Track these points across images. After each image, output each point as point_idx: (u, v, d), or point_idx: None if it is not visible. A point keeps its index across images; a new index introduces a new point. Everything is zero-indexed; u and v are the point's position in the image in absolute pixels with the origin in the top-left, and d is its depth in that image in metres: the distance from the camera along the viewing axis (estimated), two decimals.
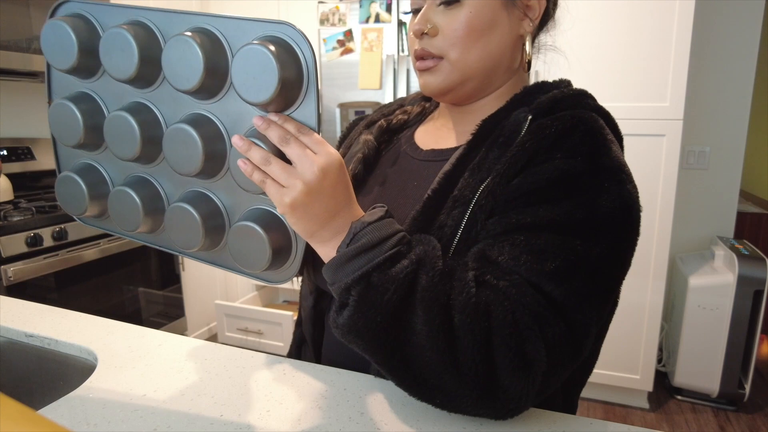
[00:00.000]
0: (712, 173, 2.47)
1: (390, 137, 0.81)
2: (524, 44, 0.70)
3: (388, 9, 2.17)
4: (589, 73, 2.05)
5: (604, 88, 2.04)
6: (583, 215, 0.57)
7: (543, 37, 0.79)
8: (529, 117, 0.64)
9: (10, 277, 1.74)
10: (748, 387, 2.18)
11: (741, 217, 2.76)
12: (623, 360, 2.21)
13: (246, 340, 2.77)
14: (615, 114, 2.05)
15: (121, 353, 0.78)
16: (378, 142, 0.79)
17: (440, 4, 0.65)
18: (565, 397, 0.69)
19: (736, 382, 2.18)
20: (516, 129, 0.64)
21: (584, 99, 0.67)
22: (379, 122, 0.81)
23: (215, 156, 0.60)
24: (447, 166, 0.66)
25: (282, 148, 0.54)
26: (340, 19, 2.26)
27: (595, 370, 2.51)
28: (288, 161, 0.54)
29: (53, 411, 0.63)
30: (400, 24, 2.17)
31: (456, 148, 0.69)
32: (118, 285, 2.19)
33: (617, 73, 2.02)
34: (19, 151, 2.32)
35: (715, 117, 2.43)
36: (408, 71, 2.18)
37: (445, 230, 0.62)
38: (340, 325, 0.54)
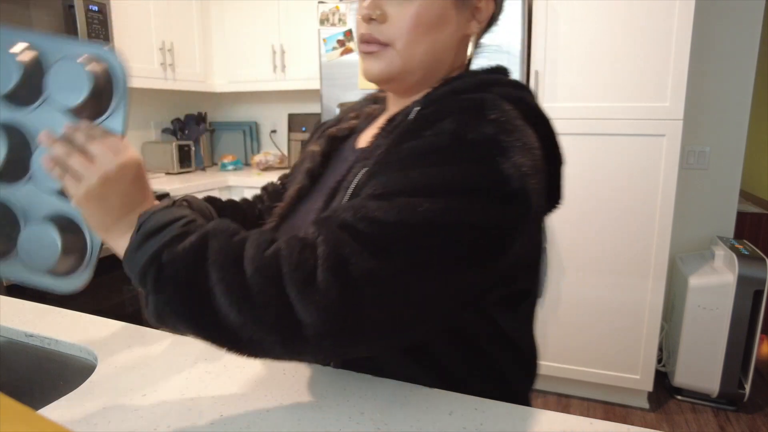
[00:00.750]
0: (712, 173, 2.47)
1: (339, 145, 0.80)
2: (477, 43, 0.72)
3: None
4: (590, 73, 2.05)
5: (604, 88, 2.04)
6: (434, 182, 0.54)
7: (486, 38, 0.78)
8: (416, 108, 0.65)
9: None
10: (748, 387, 2.18)
11: (741, 217, 2.76)
12: (623, 360, 2.21)
13: None
14: (615, 113, 2.06)
15: (122, 353, 0.78)
16: (329, 150, 0.78)
17: None
18: (511, 396, 0.68)
19: (736, 382, 2.19)
20: (405, 120, 0.65)
21: (488, 87, 0.66)
22: (329, 130, 0.80)
23: (19, 161, 0.62)
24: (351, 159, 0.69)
25: (86, 147, 0.56)
26: (340, 19, 2.26)
27: (594, 370, 2.53)
28: None
29: (53, 411, 0.63)
30: None
31: None
32: (118, 285, 2.19)
33: (617, 73, 2.02)
34: None
35: (715, 117, 2.43)
36: None
37: None
38: (151, 314, 0.54)
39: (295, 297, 0.49)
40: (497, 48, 2.04)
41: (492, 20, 0.73)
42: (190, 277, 0.52)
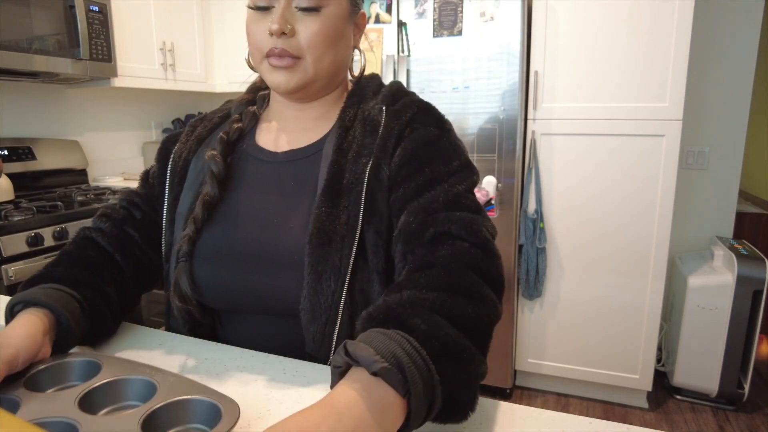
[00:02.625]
0: (711, 173, 2.47)
1: (232, 149, 0.83)
2: (361, 53, 0.84)
3: (388, 10, 2.17)
4: (589, 73, 2.05)
5: (603, 88, 2.05)
6: (447, 169, 0.72)
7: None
8: (384, 108, 0.77)
9: (11, 276, 1.74)
10: (747, 387, 2.19)
11: (740, 217, 2.76)
12: (622, 360, 2.21)
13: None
14: (614, 114, 2.08)
15: (122, 352, 0.79)
16: (224, 156, 0.80)
17: (299, 10, 0.71)
18: None
19: (735, 382, 2.19)
20: (377, 118, 0.76)
21: (408, 91, 0.82)
22: (219, 136, 0.81)
23: None
24: (329, 158, 0.74)
25: None
26: None
27: (594, 370, 2.52)
28: None
29: None
30: (400, 25, 2.17)
31: (318, 143, 0.78)
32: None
33: (617, 73, 2.02)
34: (20, 151, 2.32)
35: (714, 117, 2.43)
36: (408, 72, 2.19)
37: (350, 209, 0.71)
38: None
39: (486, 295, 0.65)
40: (497, 48, 2.04)
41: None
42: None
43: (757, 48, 2.34)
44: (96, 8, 2.23)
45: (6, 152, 2.26)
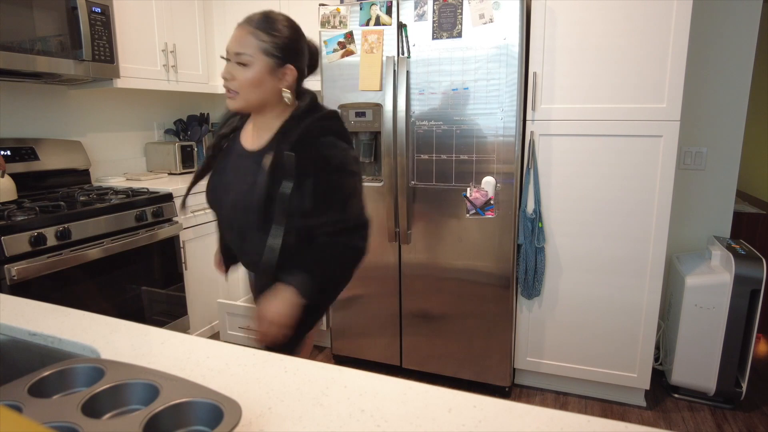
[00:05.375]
0: (709, 174, 2.48)
1: (232, 135, 1.36)
2: (289, 91, 1.21)
3: (389, 12, 2.18)
4: (588, 74, 2.06)
5: (602, 89, 2.06)
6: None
7: (311, 76, 1.31)
8: (292, 153, 1.17)
9: (14, 276, 1.76)
10: (744, 385, 2.20)
11: (738, 217, 2.78)
12: (621, 358, 2.22)
13: (248, 338, 2.79)
14: (612, 115, 2.11)
15: (125, 351, 0.80)
16: (222, 141, 1.36)
17: (237, 63, 1.16)
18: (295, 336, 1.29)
19: (733, 381, 2.20)
20: (289, 158, 1.17)
21: (320, 124, 1.23)
22: (221, 131, 1.36)
23: None
24: (270, 159, 1.18)
25: None
26: (341, 22, 2.27)
27: (592, 368, 2.54)
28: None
29: None
30: (400, 27, 2.18)
31: (263, 149, 1.23)
32: (121, 284, 2.20)
33: (615, 74, 2.03)
34: (23, 151, 2.33)
35: (712, 118, 2.44)
36: (408, 73, 2.20)
37: (285, 191, 1.17)
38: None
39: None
40: (496, 50, 2.05)
41: (310, 70, 1.30)
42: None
43: (755, 49, 2.34)
44: (98, 10, 2.25)
45: (9, 152, 2.27)
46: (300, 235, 1.21)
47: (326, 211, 1.19)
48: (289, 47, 1.17)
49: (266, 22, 1.15)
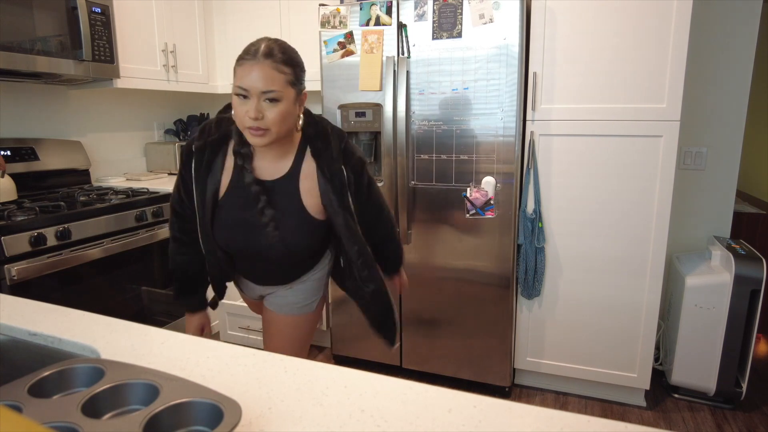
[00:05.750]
0: (709, 174, 2.48)
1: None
2: (301, 115, 1.27)
3: (389, 12, 2.18)
4: (588, 74, 2.06)
5: (602, 89, 2.06)
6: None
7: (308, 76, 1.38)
8: (341, 166, 1.29)
9: (14, 276, 1.76)
10: (745, 385, 2.20)
11: (738, 217, 2.78)
12: (621, 358, 2.22)
13: (248, 338, 2.79)
14: (612, 115, 2.13)
15: (124, 351, 0.80)
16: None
17: (267, 100, 1.14)
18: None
19: (733, 381, 2.20)
20: (339, 170, 1.29)
21: (337, 132, 1.32)
22: (236, 161, 1.28)
23: None
24: (316, 179, 1.28)
25: None
26: (341, 22, 2.27)
27: (592, 368, 2.54)
28: None
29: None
30: (400, 27, 2.18)
31: (290, 171, 1.28)
32: (121, 284, 2.20)
33: (615, 74, 2.03)
34: (23, 151, 2.33)
35: (712, 118, 2.44)
36: (408, 73, 2.20)
37: (334, 198, 1.28)
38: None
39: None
40: (496, 50, 2.05)
41: None
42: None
43: (755, 49, 2.34)
44: (98, 9, 2.25)
45: (9, 152, 2.27)
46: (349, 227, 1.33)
47: (378, 203, 1.47)
48: (303, 73, 1.21)
49: (285, 54, 1.16)
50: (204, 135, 1.27)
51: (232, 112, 1.18)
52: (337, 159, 1.27)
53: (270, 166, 1.27)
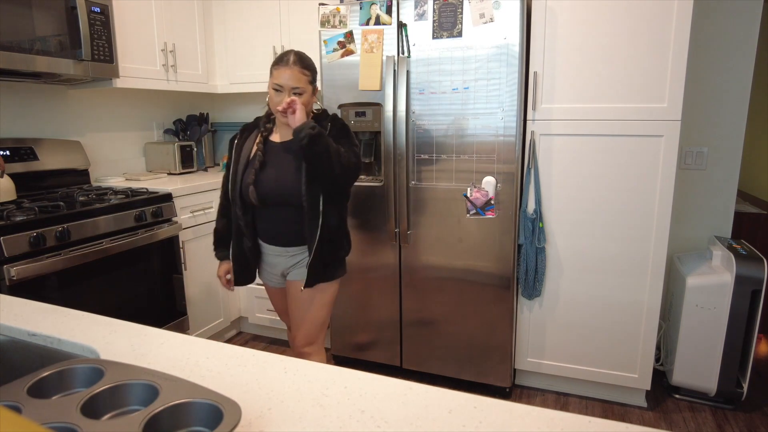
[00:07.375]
0: (709, 174, 2.48)
1: (264, 142, 1.80)
2: (315, 102, 1.79)
3: (389, 11, 2.18)
4: (588, 74, 2.06)
5: (602, 88, 2.05)
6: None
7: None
8: (328, 125, 1.75)
9: (13, 276, 1.75)
10: (745, 386, 2.20)
11: (739, 217, 2.77)
12: (621, 359, 2.22)
13: (275, 319, 2.78)
14: (613, 114, 2.12)
15: (124, 352, 0.79)
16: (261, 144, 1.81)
17: (293, 93, 1.64)
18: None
19: (734, 381, 2.20)
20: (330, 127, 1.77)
21: (333, 115, 1.81)
22: (259, 134, 1.81)
23: None
24: (318, 130, 1.61)
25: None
26: (340, 21, 2.27)
27: (593, 369, 2.54)
28: None
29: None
30: (400, 26, 2.18)
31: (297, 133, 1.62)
32: (121, 284, 2.20)
33: (616, 74, 2.03)
34: (22, 151, 2.33)
35: (712, 118, 2.44)
36: (408, 73, 2.20)
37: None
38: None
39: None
40: (497, 50, 2.05)
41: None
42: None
43: (756, 49, 2.34)
44: (97, 9, 2.24)
45: (8, 152, 2.27)
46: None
47: (353, 150, 1.76)
48: (316, 74, 1.73)
49: (306, 62, 1.69)
50: (244, 127, 1.86)
51: (267, 99, 1.73)
52: (332, 124, 1.77)
53: (286, 135, 1.75)
